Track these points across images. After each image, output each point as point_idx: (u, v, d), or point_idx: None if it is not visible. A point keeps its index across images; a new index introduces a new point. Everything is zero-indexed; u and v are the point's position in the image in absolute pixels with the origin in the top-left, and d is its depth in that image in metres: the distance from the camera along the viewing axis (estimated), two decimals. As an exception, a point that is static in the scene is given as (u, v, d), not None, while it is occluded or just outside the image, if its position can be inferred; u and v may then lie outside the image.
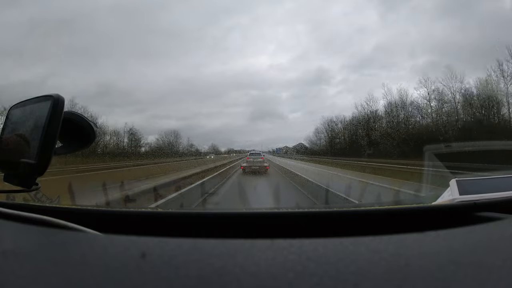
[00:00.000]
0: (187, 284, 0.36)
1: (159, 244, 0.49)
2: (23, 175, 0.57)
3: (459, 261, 0.39)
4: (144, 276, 0.38)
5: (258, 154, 18.65)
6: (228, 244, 0.48)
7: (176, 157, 24.08)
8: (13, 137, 0.61)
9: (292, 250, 0.44)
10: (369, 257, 0.41)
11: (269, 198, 6.45)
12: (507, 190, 0.90)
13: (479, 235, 0.52)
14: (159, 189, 6.78)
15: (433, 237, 0.49)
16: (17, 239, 0.56)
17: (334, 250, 0.44)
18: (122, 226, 0.78)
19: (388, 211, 0.86)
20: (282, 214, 0.85)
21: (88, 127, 0.67)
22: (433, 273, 0.37)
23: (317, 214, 0.84)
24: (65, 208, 0.99)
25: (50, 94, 0.58)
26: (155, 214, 0.93)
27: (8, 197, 1.37)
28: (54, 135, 0.56)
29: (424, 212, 0.82)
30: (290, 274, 0.37)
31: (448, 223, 0.61)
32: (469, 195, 0.92)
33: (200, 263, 0.41)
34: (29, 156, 0.56)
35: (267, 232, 0.69)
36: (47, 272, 0.40)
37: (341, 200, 5.39)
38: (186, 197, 6.63)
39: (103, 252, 0.47)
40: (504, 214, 0.68)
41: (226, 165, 18.20)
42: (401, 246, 0.45)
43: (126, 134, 24.41)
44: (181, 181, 8.64)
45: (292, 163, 22.08)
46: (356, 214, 0.82)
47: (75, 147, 0.68)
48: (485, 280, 0.35)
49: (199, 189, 7.71)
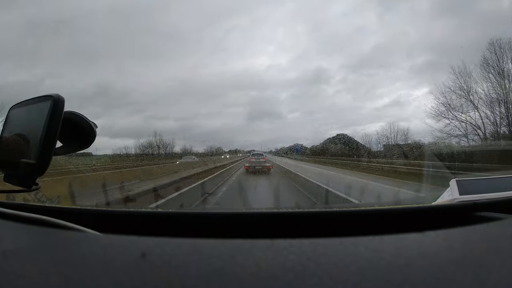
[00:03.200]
0: (187, 284, 0.36)
1: (159, 244, 0.49)
2: (23, 175, 0.57)
3: (459, 261, 0.39)
4: (144, 276, 0.38)
5: (261, 154, 19.15)
6: (228, 244, 0.48)
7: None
8: (13, 137, 0.61)
9: (292, 250, 0.44)
10: (369, 257, 0.41)
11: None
12: (507, 190, 0.90)
13: (479, 235, 0.52)
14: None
15: (433, 237, 0.49)
16: (17, 239, 0.56)
17: (334, 250, 0.44)
18: (122, 226, 0.78)
19: (388, 211, 0.86)
20: (282, 214, 0.85)
21: (88, 127, 0.67)
22: (433, 273, 0.37)
23: (317, 214, 0.84)
24: (65, 208, 0.99)
25: (50, 94, 0.58)
26: (155, 214, 0.93)
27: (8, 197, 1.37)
28: (54, 135, 0.56)
29: (424, 212, 0.83)
30: (290, 274, 0.37)
31: (448, 223, 0.61)
32: (469, 195, 0.92)
33: (200, 263, 0.41)
34: (29, 156, 0.56)
35: (267, 232, 0.69)
36: (47, 272, 0.40)
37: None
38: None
39: (103, 252, 0.47)
40: (504, 214, 0.68)
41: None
42: (401, 246, 0.45)
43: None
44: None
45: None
46: (356, 214, 0.83)
47: (75, 147, 0.68)
48: (485, 280, 0.35)
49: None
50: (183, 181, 9.85)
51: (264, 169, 15.52)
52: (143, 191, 7.08)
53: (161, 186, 8.37)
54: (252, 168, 15.71)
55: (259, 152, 22.02)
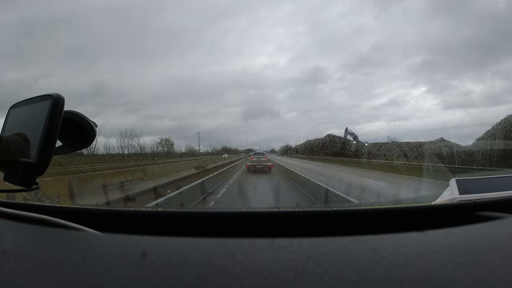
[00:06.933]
0: (188, 283, 0.36)
1: (159, 243, 0.49)
2: (23, 174, 0.57)
3: (459, 260, 0.39)
4: (144, 275, 0.38)
5: (262, 154, 19.35)
6: (228, 243, 0.48)
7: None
8: (13, 137, 0.61)
9: (292, 249, 0.44)
10: (369, 256, 0.41)
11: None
12: (507, 190, 0.90)
13: (479, 234, 0.52)
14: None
15: (433, 236, 0.49)
16: (17, 239, 0.56)
17: (334, 249, 0.44)
18: (122, 225, 0.78)
19: (388, 210, 0.86)
20: (282, 213, 0.85)
21: (88, 126, 0.67)
22: (433, 272, 0.37)
23: (317, 213, 0.84)
24: (65, 207, 0.99)
25: (50, 93, 0.58)
26: (155, 213, 0.93)
27: (8, 196, 1.37)
28: (54, 135, 0.56)
29: (424, 211, 0.83)
30: (290, 273, 0.37)
31: (448, 222, 0.61)
32: (469, 194, 0.92)
33: (200, 262, 0.41)
34: (29, 155, 0.56)
35: (267, 231, 0.69)
36: (47, 271, 0.40)
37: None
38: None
39: (103, 251, 0.47)
40: (504, 214, 0.69)
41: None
42: (401, 245, 0.45)
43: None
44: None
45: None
46: (356, 213, 0.83)
47: (75, 146, 0.69)
48: (485, 279, 0.35)
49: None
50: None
51: (265, 168, 15.72)
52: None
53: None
54: (253, 168, 15.91)
55: (260, 151, 22.21)
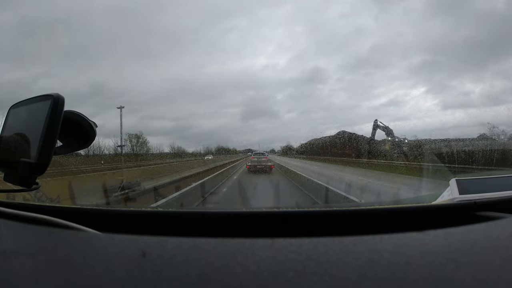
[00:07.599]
0: (188, 283, 0.36)
1: (159, 243, 0.49)
2: (23, 174, 0.57)
3: (459, 260, 0.39)
4: (145, 275, 0.38)
5: (262, 154, 19.48)
6: (228, 243, 0.48)
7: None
8: (13, 137, 0.61)
9: (292, 249, 0.44)
10: (369, 256, 0.41)
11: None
12: (507, 190, 0.90)
13: (479, 234, 0.52)
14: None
15: (433, 236, 0.49)
16: (17, 239, 0.56)
17: (334, 249, 0.44)
18: (122, 225, 0.78)
19: (388, 210, 0.86)
20: (282, 213, 0.85)
21: (88, 126, 0.67)
22: (433, 272, 0.37)
23: (317, 213, 0.84)
24: (65, 207, 0.99)
25: (50, 93, 0.58)
26: (155, 213, 0.93)
27: (8, 196, 1.37)
28: (54, 135, 0.55)
29: (424, 211, 0.83)
30: (290, 273, 0.37)
31: (448, 222, 0.61)
32: (469, 194, 0.92)
33: (200, 262, 0.41)
34: (29, 155, 0.56)
35: (267, 231, 0.69)
36: (48, 271, 0.40)
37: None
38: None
39: (103, 251, 0.47)
40: (504, 214, 0.68)
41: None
42: (401, 245, 0.45)
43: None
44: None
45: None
46: (356, 213, 0.83)
47: (75, 146, 0.69)
48: (485, 279, 0.35)
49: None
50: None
51: (266, 169, 15.67)
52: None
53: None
54: (254, 168, 15.86)
55: (261, 152, 22.27)
